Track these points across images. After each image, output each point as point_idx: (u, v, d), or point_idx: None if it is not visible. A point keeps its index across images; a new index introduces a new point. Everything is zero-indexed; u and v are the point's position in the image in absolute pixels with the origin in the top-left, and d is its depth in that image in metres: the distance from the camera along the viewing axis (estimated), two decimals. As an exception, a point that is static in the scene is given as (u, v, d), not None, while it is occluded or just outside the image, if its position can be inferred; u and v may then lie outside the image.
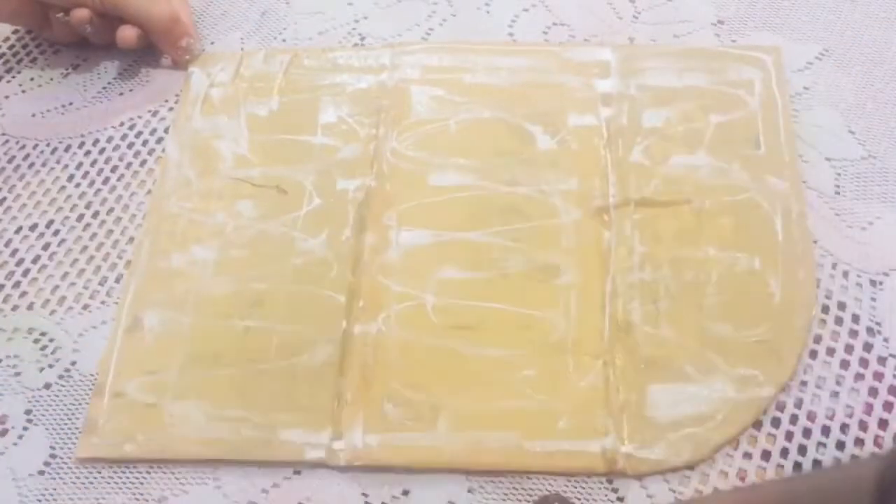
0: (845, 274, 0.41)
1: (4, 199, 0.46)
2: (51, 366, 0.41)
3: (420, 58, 0.48)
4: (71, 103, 0.49)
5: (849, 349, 0.39)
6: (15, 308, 0.43)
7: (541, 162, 0.44)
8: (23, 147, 0.48)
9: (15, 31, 0.53)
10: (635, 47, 0.48)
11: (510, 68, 0.47)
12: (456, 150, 0.45)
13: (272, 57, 0.49)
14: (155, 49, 0.50)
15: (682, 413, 0.37)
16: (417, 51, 0.48)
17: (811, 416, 0.38)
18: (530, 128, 0.45)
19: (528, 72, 0.47)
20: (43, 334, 0.42)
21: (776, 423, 0.37)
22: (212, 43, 0.51)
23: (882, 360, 0.39)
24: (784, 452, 0.37)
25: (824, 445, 0.37)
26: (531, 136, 0.45)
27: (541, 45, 0.49)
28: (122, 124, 0.48)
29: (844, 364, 0.39)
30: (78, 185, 0.46)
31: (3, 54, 0.52)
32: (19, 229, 0.45)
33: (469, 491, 0.37)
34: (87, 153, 0.47)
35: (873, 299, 0.40)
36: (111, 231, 0.45)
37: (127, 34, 0.48)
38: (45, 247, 0.44)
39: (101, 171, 0.47)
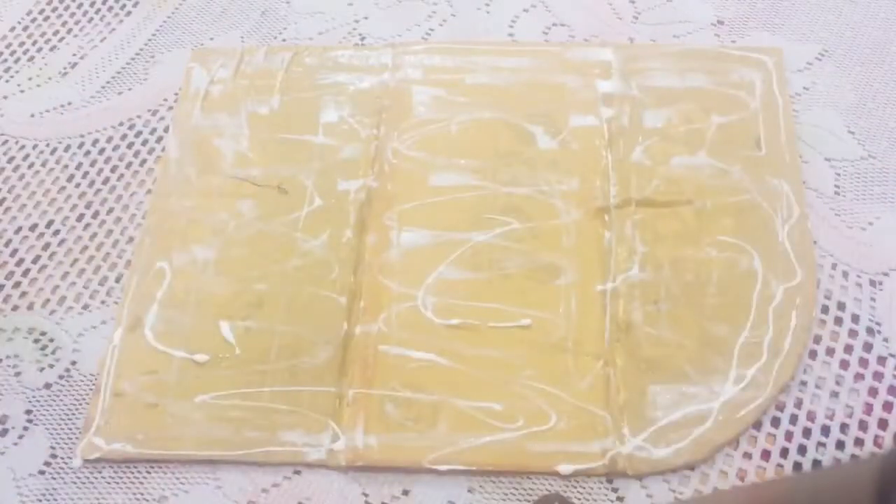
0: (845, 274, 0.41)
1: (4, 199, 0.46)
2: (51, 366, 0.41)
3: (421, 58, 0.48)
4: (70, 103, 0.49)
5: (848, 349, 0.39)
6: (15, 308, 0.43)
7: (541, 162, 0.44)
8: (22, 147, 0.48)
9: (12, 30, 0.53)
10: (637, 47, 0.48)
11: (511, 69, 0.47)
12: (457, 150, 0.45)
13: (273, 54, 0.49)
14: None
15: (682, 413, 0.37)
16: (419, 51, 0.48)
17: (811, 416, 0.38)
18: (531, 128, 0.45)
19: (530, 72, 0.47)
20: (43, 334, 0.42)
21: (776, 423, 0.38)
22: (211, 39, 0.51)
23: (882, 360, 0.39)
24: (784, 452, 0.37)
25: (824, 445, 0.37)
26: (532, 137, 0.45)
27: (542, 45, 0.49)
28: (121, 124, 0.48)
29: (844, 364, 0.39)
30: (78, 185, 0.46)
31: (1, 53, 0.52)
32: (19, 229, 0.45)
33: (469, 491, 0.37)
34: (87, 153, 0.47)
35: (873, 299, 0.40)
36: (111, 231, 0.45)
37: None
38: (45, 247, 0.44)
39: (101, 171, 0.47)
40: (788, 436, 0.37)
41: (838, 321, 0.40)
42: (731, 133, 0.44)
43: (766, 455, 0.37)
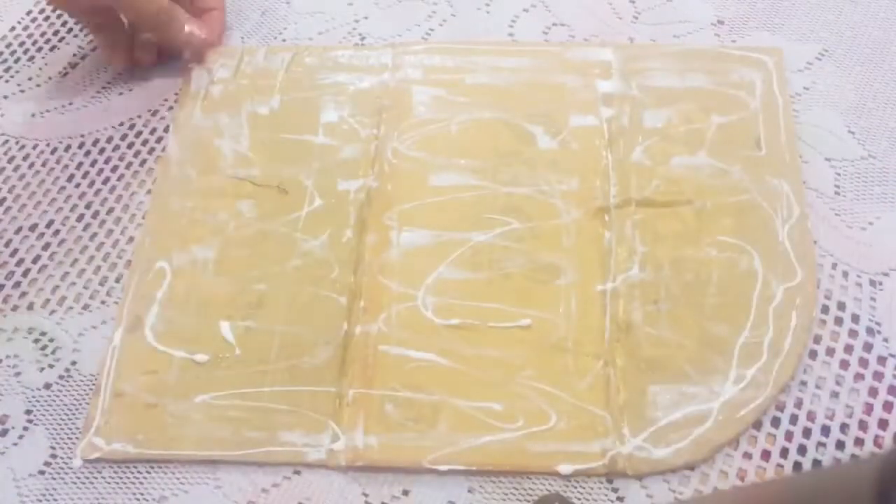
0: (845, 274, 0.41)
1: (4, 199, 0.46)
2: (51, 366, 0.41)
3: (421, 58, 0.48)
4: (70, 103, 0.49)
5: (848, 349, 0.39)
6: (15, 308, 0.43)
7: (541, 162, 0.44)
8: (22, 147, 0.48)
9: (12, 30, 0.53)
10: (637, 47, 0.48)
11: (511, 69, 0.47)
12: (457, 150, 0.45)
13: (273, 54, 0.49)
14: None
15: (682, 413, 0.37)
16: (419, 51, 0.48)
17: (811, 417, 0.38)
18: (531, 128, 0.45)
19: (530, 72, 0.47)
20: (43, 334, 0.42)
21: (776, 423, 0.38)
22: (210, 40, 0.51)
23: (882, 360, 0.39)
24: (784, 452, 0.37)
25: (824, 445, 0.37)
26: (532, 137, 0.45)
27: (542, 45, 0.49)
28: (121, 124, 0.48)
29: (844, 364, 0.39)
30: (78, 185, 0.46)
31: (1, 53, 0.52)
32: (19, 229, 0.45)
33: (469, 491, 0.37)
34: (87, 153, 0.47)
35: (873, 299, 0.40)
36: (111, 231, 0.45)
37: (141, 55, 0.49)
38: (45, 247, 0.44)
39: (101, 171, 0.47)
40: (788, 436, 0.37)
41: (838, 321, 0.40)
42: (731, 133, 0.44)
43: (766, 455, 0.37)
